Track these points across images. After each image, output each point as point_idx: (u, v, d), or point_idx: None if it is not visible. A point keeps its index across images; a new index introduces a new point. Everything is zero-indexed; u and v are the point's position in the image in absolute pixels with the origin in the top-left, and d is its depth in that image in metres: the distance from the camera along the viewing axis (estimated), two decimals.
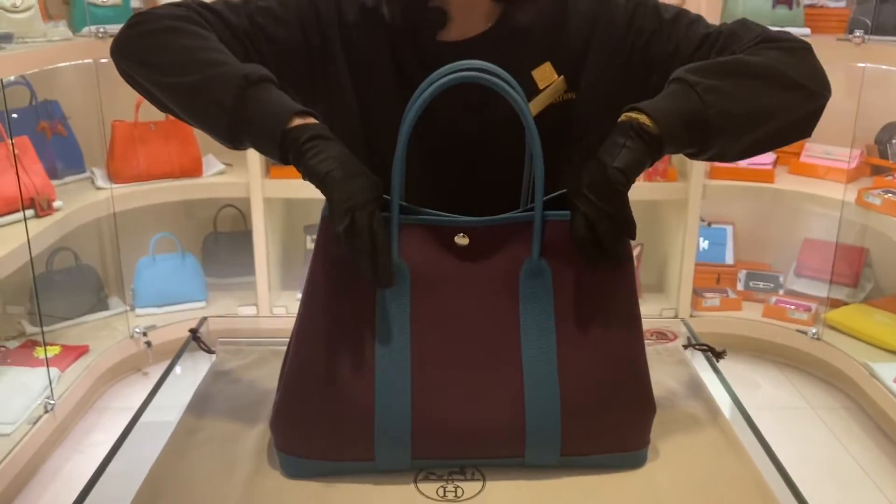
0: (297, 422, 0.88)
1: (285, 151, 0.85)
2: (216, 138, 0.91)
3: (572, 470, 0.90)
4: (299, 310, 0.89)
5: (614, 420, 0.88)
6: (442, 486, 0.88)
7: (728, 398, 1.08)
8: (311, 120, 0.85)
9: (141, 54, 0.94)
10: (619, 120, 0.86)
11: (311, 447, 0.88)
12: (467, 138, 1.01)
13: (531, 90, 1.00)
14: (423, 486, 0.88)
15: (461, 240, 0.86)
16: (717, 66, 0.90)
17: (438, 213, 0.87)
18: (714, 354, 1.14)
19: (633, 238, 0.85)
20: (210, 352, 1.18)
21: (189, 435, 0.98)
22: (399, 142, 0.83)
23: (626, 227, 0.84)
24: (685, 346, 1.19)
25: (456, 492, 0.87)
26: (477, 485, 0.88)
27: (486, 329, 0.87)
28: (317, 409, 0.87)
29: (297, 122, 0.84)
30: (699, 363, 1.17)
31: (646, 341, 1.17)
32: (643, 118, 0.84)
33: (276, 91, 0.88)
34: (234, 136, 0.88)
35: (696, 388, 1.08)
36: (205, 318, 1.28)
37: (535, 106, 1.00)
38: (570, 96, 1.02)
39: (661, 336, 1.22)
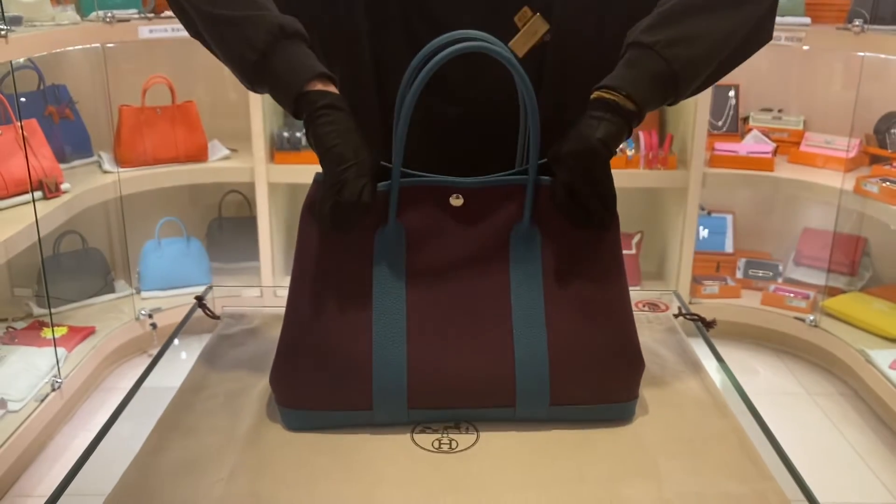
0: (295, 375, 0.91)
1: (299, 110, 0.88)
2: (238, 75, 0.94)
3: (562, 424, 0.92)
4: (293, 265, 0.92)
5: (601, 371, 0.91)
6: (437, 439, 0.91)
7: (715, 362, 1.11)
8: (331, 87, 0.89)
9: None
10: (592, 98, 0.88)
11: (309, 399, 0.91)
12: (467, 104, 1.03)
13: (513, 33, 0.99)
14: (418, 437, 0.91)
15: (456, 200, 0.90)
16: (664, 16, 0.91)
17: (434, 175, 0.90)
18: (704, 324, 1.17)
19: (612, 209, 0.89)
20: (215, 317, 1.21)
21: (194, 392, 1.01)
22: (402, 113, 0.85)
23: (606, 197, 0.87)
24: (675, 315, 1.22)
25: (451, 444, 0.90)
26: (471, 437, 0.91)
27: (477, 287, 0.90)
28: (315, 363, 0.90)
29: (318, 85, 0.88)
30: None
31: (638, 311, 1.22)
32: (616, 96, 0.87)
33: (306, 49, 0.91)
34: (255, 80, 0.92)
35: (684, 353, 1.11)
36: (210, 287, 1.32)
37: (517, 47, 0.99)
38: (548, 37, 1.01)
39: (654, 307, 1.25)
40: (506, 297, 0.90)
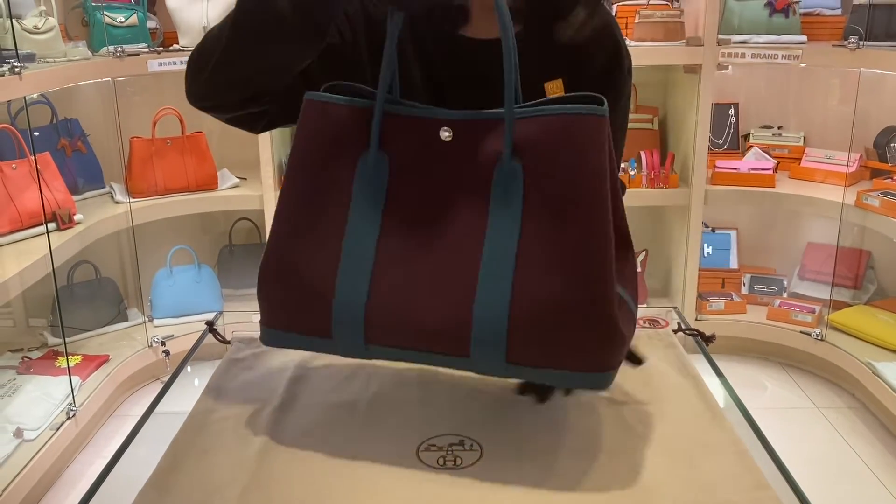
0: (267, 293, 0.93)
1: None
2: (291, 37, 0.92)
3: (570, 452, 0.93)
4: (282, 186, 0.93)
5: (568, 334, 0.84)
6: (441, 457, 0.94)
7: (715, 377, 1.14)
8: None
9: (193, 71, 1.01)
10: None
11: (278, 319, 0.93)
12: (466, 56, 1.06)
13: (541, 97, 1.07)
14: (424, 455, 0.94)
15: (445, 133, 0.87)
16: None
17: (422, 105, 0.89)
18: (703, 339, 1.20)
19: None
20: (225, 342, 1.25)
21: (206, 414, 1.04)
22: (389, 35, 0.86)
23: None
24: (675, 331, 1.25)
25: (455, 461, 0.93)
26: (475, 454, 0.94)
27: (454, 225, 0.88)
28: (285, 283, 0.91)
29: None
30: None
31: (639, 328, 1.24)
32: None
33: None
34: (299, 6, 0.90)
35: (683, 367, 1.13)
36: (220, 312, 1.35)
37: None
38: None
39: (654, 323, 1.28)
40: (479, 241, 0.86)
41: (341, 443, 0.96)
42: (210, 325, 1.28)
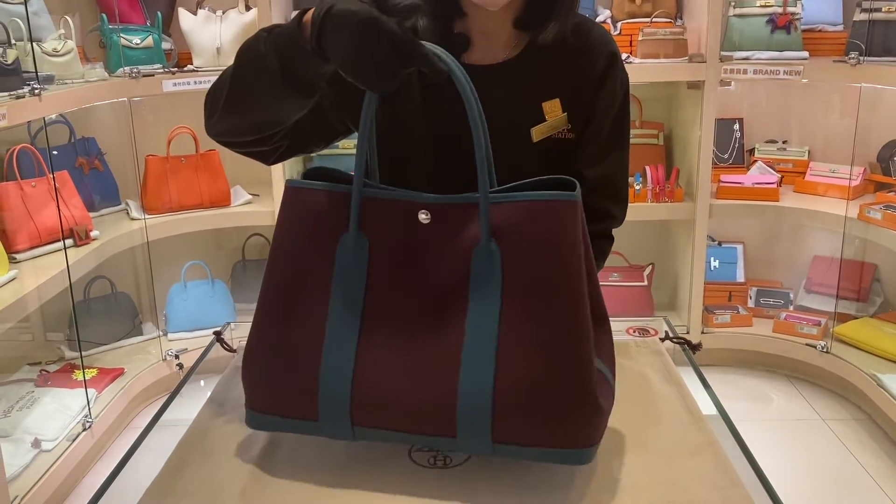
0: (250, 377, 0.95)
1: (315, 42, 0.88)
2: (284, 92, 0.95)
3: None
4: (264, 273, 0.95)
5: (551, 414, 0.86)
6: (433, 455, 0.98)
7: (700, 385, 1.18)
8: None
9: (208, 110, 1.06)
10: None
11: (264, 403, 0.94)
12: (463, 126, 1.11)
13: (538, 119, 1.14)
14: (416, 455, 0.98)
15: (424, 217, 0.90)
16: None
17: (399, 189, 0.92)
18: (690, 347, 1.24)
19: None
20: (232, 350, 1.30)
21: (212, 418, 1.09)
22: (364, 117, 0.89)
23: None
24: (662, 339, 1.29)
25: (445, 460, 0.97)
26: (464, 455, 0.98)
27: (435, 307, 0.89)
28: (269, 367, 0.93)
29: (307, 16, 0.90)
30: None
31: (628, 337, 1.29)
32: None
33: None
34: (287, 72, 0.92)
35: (668, 374, 1.17)
36: (228, 323, 1.41)
37: (537, 133, 1.15)
38: (570, 136, 1.17)
39: (643, 332, 1.32)
40: (461, 322, 0.88)
41: (338, 445, 1.00)
42: (218, 335, 1.33)
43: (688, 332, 2.95)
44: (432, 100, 1.15)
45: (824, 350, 2.85)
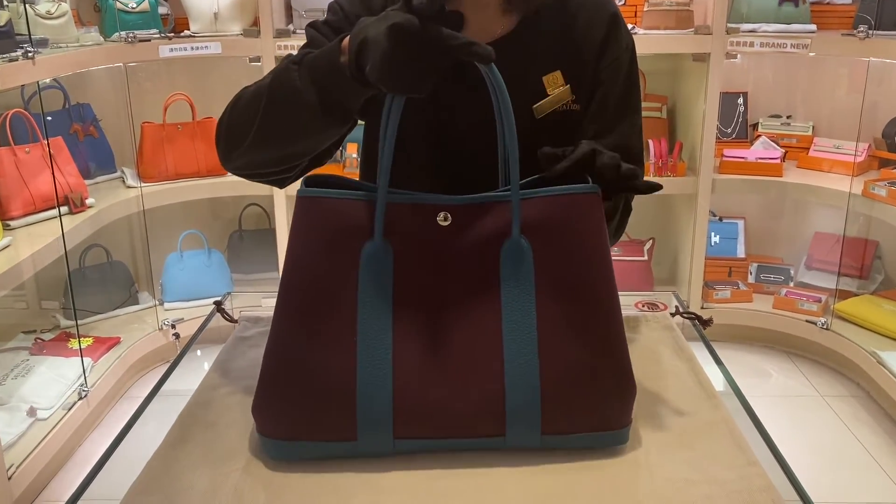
0: (278, 405, 0.88)
1: (359, 70, 0.86)
2: (323, 124, 0.95)
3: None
4: (278, 292, 0.89)
5: (594, 399, 0.88)
6: None
7: (711, 360, 1.16)
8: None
9: (227, 145, 1.04)
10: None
11: (292, 430, 0.88)
12: (467, 121, 1.09)
13: (540, 94, 1.10)
14: None
15: (443, 220, 0.88)
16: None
17: (419, 192, 0.89)
18: (700, 322, 1.22)
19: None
20: (233, 321, 1.27)
21: (213, 389, 1.07)
22: (388, 125, 0.87)
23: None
24: (672, 314, 1.27)
25: None
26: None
27: (467, 308, 0.88)
28: (299, 392, 0.87)
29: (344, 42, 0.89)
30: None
31: (638, 311, 1.26)
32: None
33: (314, 51, 0.95)
34: (326, 104, 0.92)
35: (679, 349, 1.15)
36: (229, 293, 1.38)
37: (539, 110, 1.11)
38: (575, 107, 1.13)
39: (653, 306, 1.30)
40: (497, 319, 0.88)
41: None
42: (218, 305, 1.30)
43: (688, 307, 2.94)
44: (438, 97, 1.10)
45: (824, 327, 2.84)
